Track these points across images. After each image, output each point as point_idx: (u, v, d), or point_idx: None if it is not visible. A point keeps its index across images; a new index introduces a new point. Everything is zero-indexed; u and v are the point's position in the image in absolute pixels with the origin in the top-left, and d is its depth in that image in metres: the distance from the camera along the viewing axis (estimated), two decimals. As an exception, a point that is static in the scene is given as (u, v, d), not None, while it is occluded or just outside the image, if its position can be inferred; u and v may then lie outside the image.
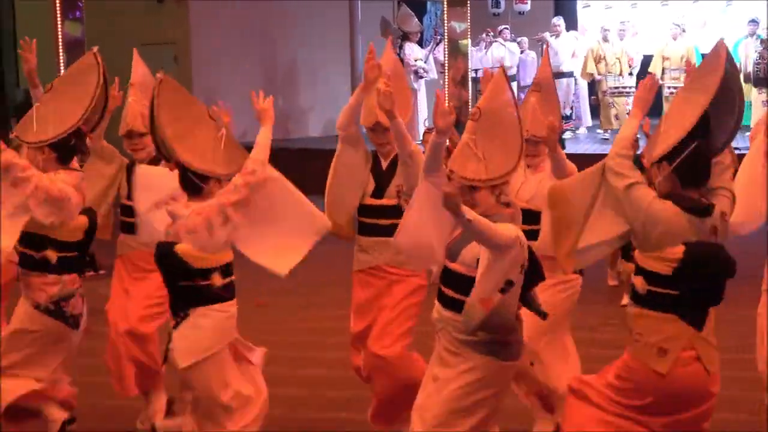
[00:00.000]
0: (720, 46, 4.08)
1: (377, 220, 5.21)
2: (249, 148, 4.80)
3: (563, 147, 5.47)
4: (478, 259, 4.08)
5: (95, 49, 5.19)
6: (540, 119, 5.20)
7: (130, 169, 5.66)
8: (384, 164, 5.27)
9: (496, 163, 4.17)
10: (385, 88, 4.81)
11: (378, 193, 5.24)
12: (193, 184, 4.54)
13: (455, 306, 4.16)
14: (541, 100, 5.36)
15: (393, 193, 5.21)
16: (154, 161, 5.52)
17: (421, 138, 11.16)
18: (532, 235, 4.87)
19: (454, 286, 4.19)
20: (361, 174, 5.24)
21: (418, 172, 4.54)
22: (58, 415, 5.20)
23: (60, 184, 4.88)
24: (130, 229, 5.62)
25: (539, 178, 5.29)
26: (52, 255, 5.00)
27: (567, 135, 15.06)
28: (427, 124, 12.27)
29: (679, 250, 3.90)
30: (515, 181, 5.08)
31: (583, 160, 5.22)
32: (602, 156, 4.30)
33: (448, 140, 4.41)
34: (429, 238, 4.34)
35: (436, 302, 4.31)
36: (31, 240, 4.96)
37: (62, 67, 10.75)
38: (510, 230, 4.00)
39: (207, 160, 4.55)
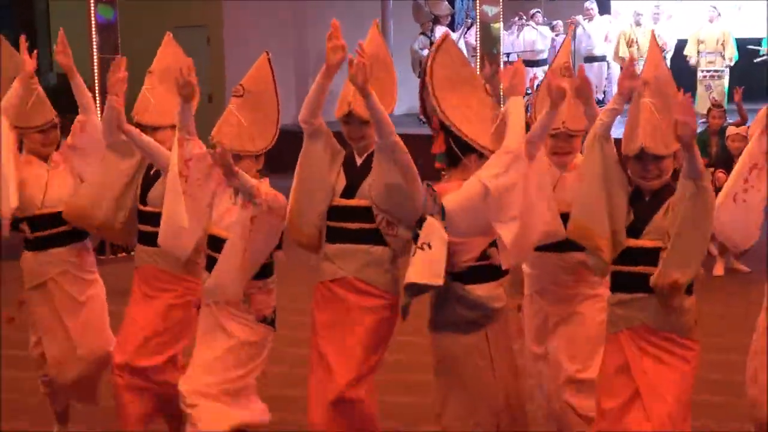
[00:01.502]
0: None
1: (345, 223, 4.60)
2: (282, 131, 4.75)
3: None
4: None
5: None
6: (578, 109, 4.48)
7: (148, 169, 5.14)
8: (359, 160, 4.65)
9: None
10: (359, 59, 4.24)
11: (349, 192, 4.61)
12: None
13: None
14: (573, 86, 4.42)
15: (366, 193, 4.57)
16: None
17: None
18: (575, 243, 4.25)
19: None
20: (329, 174, 4.61)
21: (399, 169, 4.41)
22: None
23: None
24: (143, 239, 5.09)
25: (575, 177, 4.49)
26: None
27: (599, 119, 14.94)
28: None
29: None
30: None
31: (615, 144, 4.90)
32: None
33: None
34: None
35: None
36: None
37: (95, 51, 10.78)
38: None
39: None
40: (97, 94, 10.59)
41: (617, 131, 4.05)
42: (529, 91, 8.28)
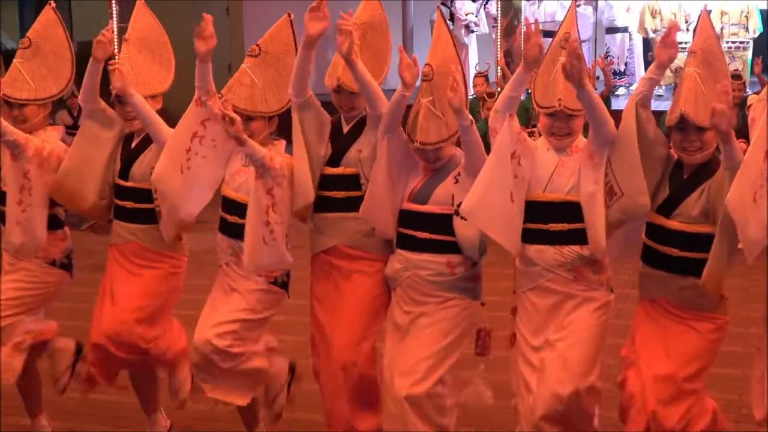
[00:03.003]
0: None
1: (332, 192, 4.55)
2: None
3: (610, 105, 4.94)
4: (452, 195, 4.26)
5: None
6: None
7: (127, 140, 4.96)
8: (346, 128, 4.60)
9: (451, 117, 4.24)
10: (344, 26, 4.22)
11: (335, 160, 4.56)
12: None
13: (432, 247, 4.32)
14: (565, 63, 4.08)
15: (352, 161, 4.53)
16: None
17: (472, 80, 11.02)
18: (578, 235, 4.17)
19: (429, 227, 4.33)
20: (319, 145, 4.55)
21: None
22: (66, 342, 5.16)
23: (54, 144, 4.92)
24: (122, 214, 4.93)
25: (576, 161, 4.20)
26: (60, 212, 5.04)
27: (621, 91, 14.85)
28: (478, 68, 12.07)
29: None
30: (543, 168, 4.24)
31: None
32: (655, 112, 4.19)
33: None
34: (385, 202, 4.37)
35: (398, 251, 4.42)
36: None
37: (115, 18, 10.77)
38: None
39: None
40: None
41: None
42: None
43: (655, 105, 12.30)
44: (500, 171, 4.12)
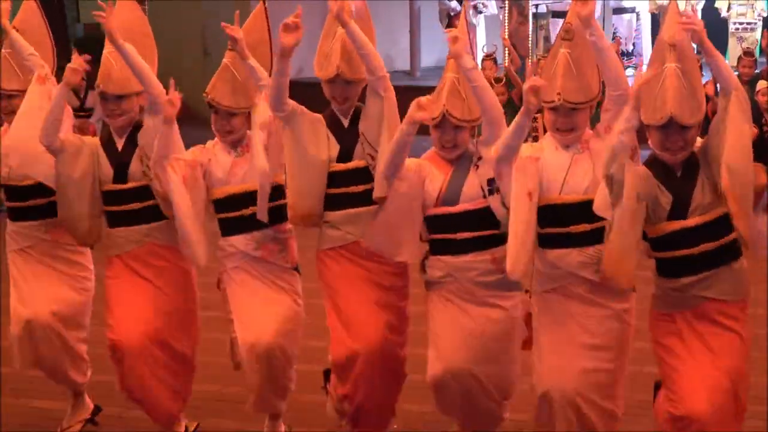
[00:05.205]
0: None
1: (347, 188, 4.45)
2: (306, 84, 4.70)
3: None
4: (482, 187, 4.20)
5: None
6: (580, 79, 4.00)
7: (109, 143, 4.77)
8: (345, 122, 4.47)
9: (473, 101, 4.19)
10: None
11: (345, 156, 4.46)
12: None
13: (474, 246, 4.22)
14: (575, 52, 4.03)
15: (362, 153, 4.43)
16: (135, 129, 4.72)
17: (480, 64, 10.95)
18: (600, 234, 3.96)
19: (467, 226, 4.22)
20: (318, 149, 4.44)
21: (387, 111, 4.34)
22: None
23: None
24: (122, 219, 4.75)
25: (589, 158, 4.05)
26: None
27: (629, 72, 14.81)
28: (485, 50, 12.01)
29: None
30: (555, 169, 4.07)
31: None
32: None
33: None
34: (400, 232, 4.30)
35: (438, 258, 4.29)
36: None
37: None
38: None
39: None
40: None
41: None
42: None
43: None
44: (524, 215, 4.01)
